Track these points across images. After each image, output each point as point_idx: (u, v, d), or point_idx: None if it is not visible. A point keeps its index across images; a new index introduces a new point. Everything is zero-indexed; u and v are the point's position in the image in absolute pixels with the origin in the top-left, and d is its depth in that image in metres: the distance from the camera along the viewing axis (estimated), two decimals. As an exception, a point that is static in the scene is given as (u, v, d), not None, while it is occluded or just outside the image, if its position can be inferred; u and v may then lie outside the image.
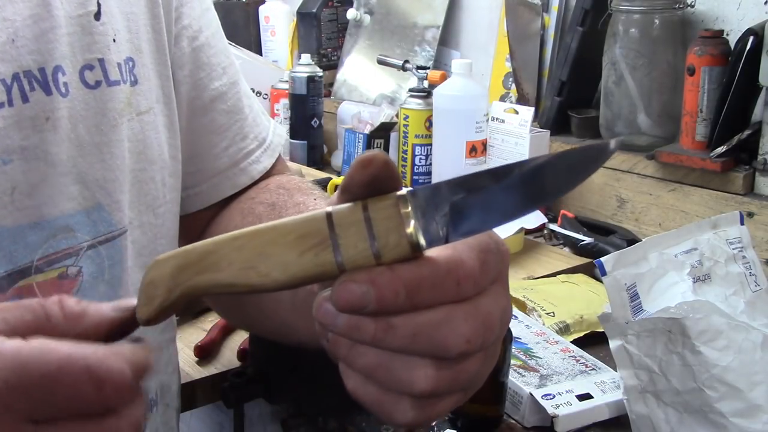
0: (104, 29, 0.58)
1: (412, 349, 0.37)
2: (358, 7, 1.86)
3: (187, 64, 0.67)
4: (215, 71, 0.70)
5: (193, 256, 0.37)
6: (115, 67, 0.59)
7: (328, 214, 0.36)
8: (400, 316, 0.36)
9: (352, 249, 0.36)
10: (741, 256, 0.78)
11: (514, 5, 1.52)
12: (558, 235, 1.27)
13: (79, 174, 0.56)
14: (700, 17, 1.29)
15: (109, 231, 0.59)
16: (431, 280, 0.36)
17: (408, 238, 0.36)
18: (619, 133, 1.34)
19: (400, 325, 0.36)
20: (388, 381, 0.38)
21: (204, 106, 0.69)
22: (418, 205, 0.36)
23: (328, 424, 0.71)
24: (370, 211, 0.36)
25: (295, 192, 0.69)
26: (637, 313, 0.73)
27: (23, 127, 0.53)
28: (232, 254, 0.37)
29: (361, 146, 1.58)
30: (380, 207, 0.36)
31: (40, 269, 0.56)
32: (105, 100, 0.57)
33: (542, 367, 0.83)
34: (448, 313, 0.37)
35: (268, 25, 2.06)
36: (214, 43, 0.70)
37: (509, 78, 1.57)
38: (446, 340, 0.37)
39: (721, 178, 1.18)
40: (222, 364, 0.91)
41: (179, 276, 0.37)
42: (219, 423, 1.21)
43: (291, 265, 0.36)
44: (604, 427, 0.78)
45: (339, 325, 0.37)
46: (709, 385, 0.68)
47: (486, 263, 0.38)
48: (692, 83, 1.19)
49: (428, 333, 0.37)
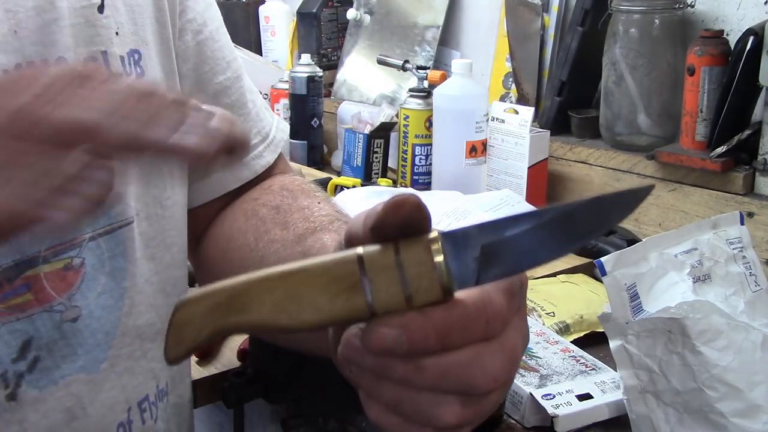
0: (107, 22, 0.58)
1: (440, 388, 0.38)
2: (358, 7, 1.86)
3: (192, 58, 0.68)
4: (219, 65, 0.70)
5: (223, 297, 0.37)
6: (118, 60, 0.59)
7: (360, 257, 0.36)
8: (429, 357, 0.37)
9: (384, 293, 0.36)
10: (741, 256, 0.78)
11: (514, 5, 1.52)
12: (558, 235, 1.27)
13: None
14: (700, 17, 1.29)
15: (109, 223, 0.59)
16: (461, 323, 0.37)
17: (440, 282, 0.36)
18: (619, 133, 1.34)
19: (429, 366, 0.37)
20: (413, 415, 0.38)
21: (208, 100, 0.69)
22: (450, 248, 0.37)
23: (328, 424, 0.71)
24: (401, 255, 0.36)
25: (299, 194, 0.69)
26: (637, 313, 0.73)
27: None
28: (263, 296, 0.36)
29: (361, 146, 1.58)
30: (412, 251, 0.36)
31: (46, 259, 0.56)
32: None
33: (542, 367, 0.83)
34: (477, 353, 0.37)
35: (268, 25, 2.06)
36: (218, 37, 0.70)
37: (509, 78, 1.57)
38: (475, 380, 0.37)
39: (721, 178, 1.18)
40: (222, 364, 0.91)
41: (209, 316, 0.37)
42: (219, 423, 1.21)
43: (322, 307, 0.36)
44: (604, 427, 0.78)
45: (368, 364, 0.38)
46: (709, 385, 0.68)
47: (513, 299, 0.39)
48: (692, 83, 1.19)
49: (457, 373, 0.37)
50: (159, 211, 0.64)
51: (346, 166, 1.63)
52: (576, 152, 1.39)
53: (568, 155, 1.40)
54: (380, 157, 1.55)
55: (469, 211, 1.23)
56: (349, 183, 1.40)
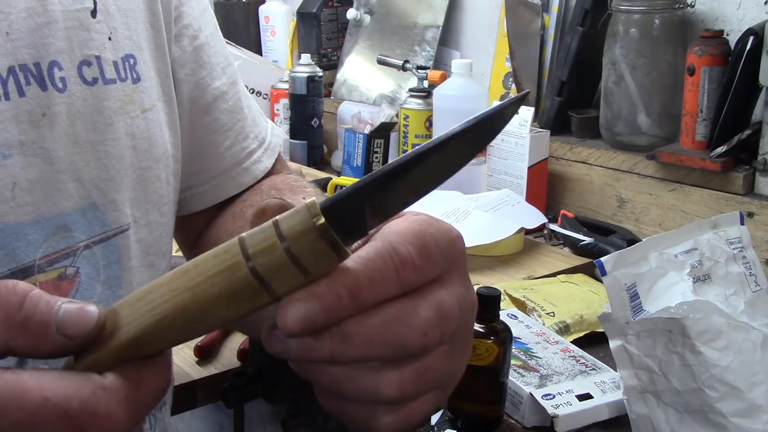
0: (100, 27, 0.58)
1: (371, 355, 0.36)
2: (358, 7, 1.86)
3: (189, 63, 0.67)
4: (215, 71, 0.70)
5: (127, 343, 0.35)
6: (111, 66, 0.58)
7: (252, 268, 0.34)
8: (350, 322, 0.35)
9: (286, 285, 0.35)
10: (741, 256, 0.78)
11: (514, 5, 1.52)
12: (558, 235, 1.27)
13: (76, 172, 0.56)
14: (700, 17, 1.29)
15: (103, 231, 0.58)
16: (369, 275, 0.35)
17: (329, 243, 0.34)
18: (619, 133, 1.34)
19: (353, 333, 0.35)
20: (356, 393, 0.37)
21: (207, 105, 0.69)
22: (330, 207, 0.34)
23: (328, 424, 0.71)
24: (283, 232, 0.34)
25: (285, 192, 0.69)
26: (637, 313, 0.73)
27: (20, 121, 0.53)
28: (166, 332, 0.35)
29: (361, 146, 1.58)
30: (292, 223, 0.34)
31: (41, 269, 0.55)
32: (101, 98, 0.57)
33: (542, 367, 0.83)
34: (399, 309, 0.36)
35: (268, 25, 2.06)
36: (213, 42, 0.70)
37: (509, 78, 1.57)
38: (403, 337, 0.36)
39: (721, 178, 1.18)
40: (222, 364, 0.91)
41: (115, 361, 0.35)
42: (219, 423, 1.21)
43: (228, 315, 0.35)
44: (604, 427, 0.78)
45: (293, 350, 0.36)
46: (709, 385, 0.68)
47: (426, 248, 0.37)
48: (692, 83, 1.19)
49: (383, 333, 0.36)
50: (158, 218, 0.63)
51: (346, 166, 1.63)
52: (576, 152, 1.39)
53: (568, 155, 1.40)
54: (380, 157, 1.55)
55: (469, 211, 1.23)
56: (349, 183, 1.40)
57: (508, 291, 1.03)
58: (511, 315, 0.94)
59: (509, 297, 1.02)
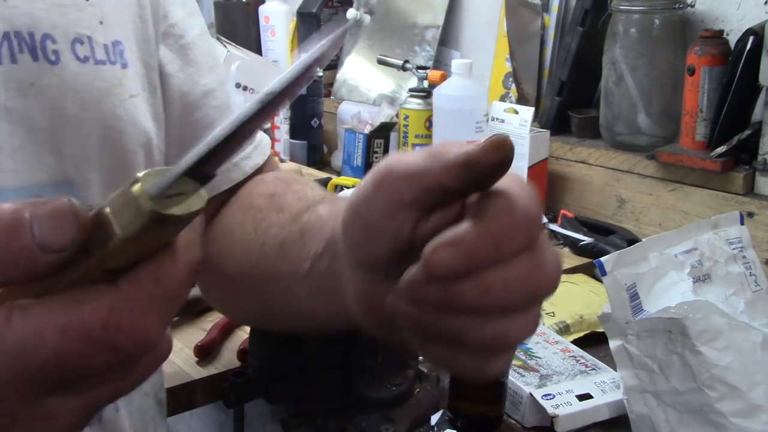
0: (93, 10, 0.59)
1: (507, 304, 0.38)
2: (358, 7, 1.86)
3: (176, 60, 0.68)
4: (203, 69, 0.71)
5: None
6: (102, 48, 0.59)
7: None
8: (491, 271, 0.37)
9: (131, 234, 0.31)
10: (741, 256, 0.78)
11: (514, 5, 1.52)
12: (558, 235, 1.27)
13: (56, 146, 0.57)
14: (700, 17, 1.29)
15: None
16: (510, 227, 0.37)
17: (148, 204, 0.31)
18: (619, 133, 1.34)
19: (494, 281, 0.37)
20: (480, 341, 0.38)
21: (196, 101, 0.70)
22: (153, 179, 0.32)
23: (328, 424, 0.71)
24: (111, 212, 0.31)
25: (291, 182, 0.69)
26: (637, 313, 0.73)
27: (9, 88, 0.54)
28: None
29: (361, 146, 1.58)
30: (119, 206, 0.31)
31: None
32: (92, 77, 0.58)
33: (542, 367, 0.83)
34: (531, 261, 0.37)
35: (268, 25, 2.06)
36: (201, 43, 0.71)
37: (509, 78, 1.57)
38: (536, 286, 0.38)
39: (721, 178, 1.18)
40: (222, 364, 0.91)
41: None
42: (219, 423, 1.21)
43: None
44: (604, 427, 0.78)
45: (434, 296, 0.37)
46: (709, 385, 0.68)
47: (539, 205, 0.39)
48: (692, 83, 1.19)
49: (519, 283, 0.37)
50: None
51: (346, 166, 1.63)
52: (576, 152, 1.39)
53: (568, 155, 1.40)
54: (380, 157, 1.55)
55: (469, 211, 1.23)
56: (349, 183, 1.40)
57: (508, 291, 1.03)
58: (511, 315, 0.94)
59: (509, 297, 1.02)
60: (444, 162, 0.38)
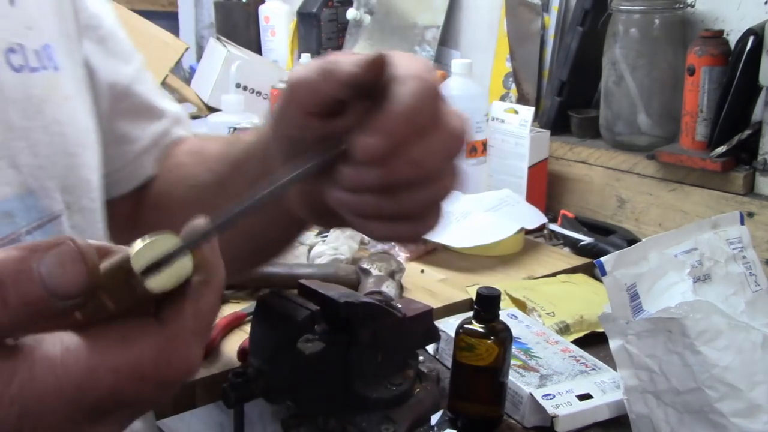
0: (19, 15, 0.59)
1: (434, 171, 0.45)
2: (358, 7, 1.86)
3: (99, 52, 0.69)
4: (124, 56, 0.72)
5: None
6: (33, 54, 0.59)
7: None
8: (414, 147, 0.43)
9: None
10: (741, 256, 0.78)
11: (514, 5, 1.52)
12: (558, 235, 1.27)
13: (12, 158, 0.57)
14: (700, 17, 1.29)
15: (40, 217, 0.59)
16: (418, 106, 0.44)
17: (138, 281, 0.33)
18: (619, 133, 1.34)
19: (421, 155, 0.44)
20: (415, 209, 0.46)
21: (124, 90, 0.71)
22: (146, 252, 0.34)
23: (328, 424, 0.71)
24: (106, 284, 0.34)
25: (205, 140, 0.74)
26: (637, 313, 0.73)
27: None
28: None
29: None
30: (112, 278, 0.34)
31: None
32: (29, 86, 0.58)
33: (542, 367, 0.83)
34: (441, 126, 0.45)
35: (268, 25, 2.06)
36: (117, 32, 0.73)
37: (509, 78, 1.57)
38: (454, 146, 0.45)
39: (721, 178, 1.18)
40: (222, 364, 0.90)
41: None
42: (219, 423, 1.21)
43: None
44: (604, 427, 0.78)
45: (372, 179, 0.43)
46: (709, 385, 0.68)
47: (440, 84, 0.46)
48: (692, 83, 1.19)
49: (440, 148, 0.45)
50: (89, 204, 0.64)
51: (346, 166, 1.63)
52: (576, 152, 1.39)
53: (568, 155, 1.40)
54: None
55: (469, 211, 1.23)
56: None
57: (508, 291, 1.03)
58: (511, 315, 0.95)
59: (509, 297, 1.02)
60: (335, 80, 0.45)
